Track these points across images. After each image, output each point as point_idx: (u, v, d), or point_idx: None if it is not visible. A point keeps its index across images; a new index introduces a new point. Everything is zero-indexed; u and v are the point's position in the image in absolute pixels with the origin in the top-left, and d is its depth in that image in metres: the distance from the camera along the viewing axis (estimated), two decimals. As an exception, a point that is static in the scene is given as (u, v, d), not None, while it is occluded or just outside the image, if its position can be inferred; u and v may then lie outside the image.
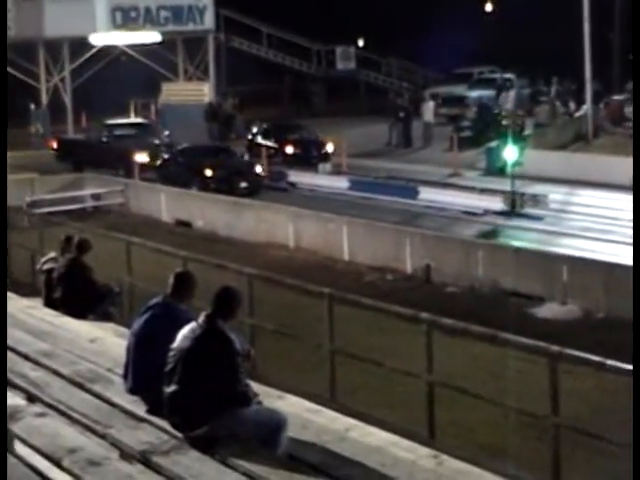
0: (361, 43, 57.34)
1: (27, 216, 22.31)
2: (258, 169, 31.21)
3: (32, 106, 42.96)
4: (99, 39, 42.91)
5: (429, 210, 26.84)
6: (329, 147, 34.78)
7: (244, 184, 29.92)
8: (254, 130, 37.43)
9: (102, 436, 7.64)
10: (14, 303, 12.54)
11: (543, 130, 37.18)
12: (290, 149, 35.08)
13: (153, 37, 43.82)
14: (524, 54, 44.10)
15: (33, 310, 12.54)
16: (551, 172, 29.46)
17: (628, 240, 21.20)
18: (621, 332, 14.29)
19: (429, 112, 40.21)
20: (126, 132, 35.24)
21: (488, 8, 57.39)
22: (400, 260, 21.11)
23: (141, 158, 32.16)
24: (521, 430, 10.09)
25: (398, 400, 11.79)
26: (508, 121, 35.86)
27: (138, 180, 31.33)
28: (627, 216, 23.34)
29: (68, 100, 43.35)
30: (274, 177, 31.80)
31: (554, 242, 22.67)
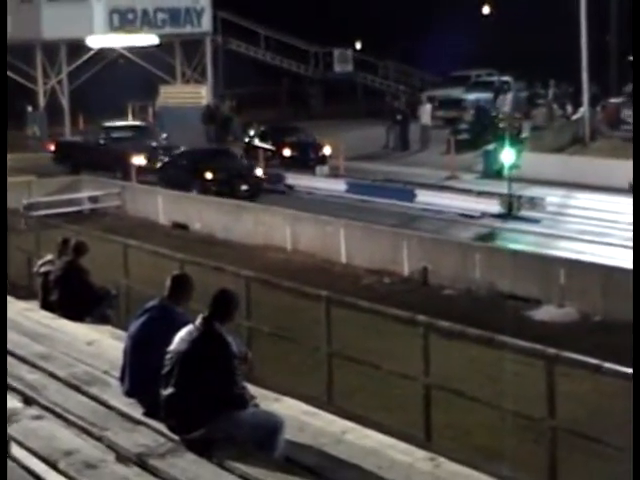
0: (358, 46, 57.29)
1: (24, 219, 22.22)
2: (258, 172, 31.17)
3: (29, 108, 42.99)
4: (96, 41, 42.94)
5: (426, 213, 26.85)
6: (326, 150, 34.74)
7: (245, 187, 29.85)
8: (251, 133, 37.39)
9: (98, 439, 7.62)
10: (11, 306, 12.49)
11: (540, 133, 37.22)
12: (287, 152, 35.06)
13: (150, 40, 43.84)
14: (521, 57, 44.16)
15: (30, 313, 12.50)
16: (548, 175, 29.46)
17: (625, 243, 21.23)
18: (618, 335, 14.34)
19: (426, 115, 40.20)
20: (123, 135, 35.16)
21: (485, 11, 57.40)
22: (397, 263, 21.11)
23: (138, 161, 32.13)
24: (518, 433, 10.08)
25: (395, 403, 11.79)
26: (505, 124, 35.91)
27: (135, 183, 31.32)
28: (624, 219, 23.36)
29: (65, 102, 43.37)
30: (272, 180, 31.77)
31: (551, 245, 22.67)
